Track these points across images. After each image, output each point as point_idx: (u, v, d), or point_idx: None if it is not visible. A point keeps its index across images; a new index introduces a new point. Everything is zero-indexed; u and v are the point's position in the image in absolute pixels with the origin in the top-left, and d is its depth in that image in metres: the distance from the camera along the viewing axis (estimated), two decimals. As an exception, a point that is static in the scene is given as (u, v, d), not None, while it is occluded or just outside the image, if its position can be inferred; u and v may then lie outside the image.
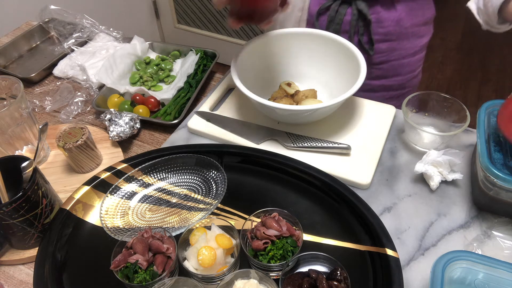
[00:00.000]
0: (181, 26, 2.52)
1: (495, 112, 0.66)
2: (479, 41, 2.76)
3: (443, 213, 0.66)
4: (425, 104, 0.76)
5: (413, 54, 0.96)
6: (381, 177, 0.71)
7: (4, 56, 1.05)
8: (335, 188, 0.65)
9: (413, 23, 0.90)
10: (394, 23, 0.88)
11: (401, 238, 0.63)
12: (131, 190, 0.69)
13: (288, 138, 0.75)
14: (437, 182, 0.67)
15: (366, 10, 0.85)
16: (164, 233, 0.58)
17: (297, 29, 0.84)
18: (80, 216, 0.66)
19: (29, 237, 0.62)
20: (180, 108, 0.87)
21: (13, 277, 0.62)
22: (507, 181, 0.56)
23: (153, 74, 0.97)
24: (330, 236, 0.62)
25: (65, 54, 1.03)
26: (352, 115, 0.80)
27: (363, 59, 0.75)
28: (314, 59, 0.86)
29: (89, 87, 0.95)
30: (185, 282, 0.53)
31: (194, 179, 0.71)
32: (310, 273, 0.52)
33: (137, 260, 0.53)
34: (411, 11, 0.89)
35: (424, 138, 0.73)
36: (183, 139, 0.81)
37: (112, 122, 0.79)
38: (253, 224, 0.59)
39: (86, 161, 0.74)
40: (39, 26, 1.12)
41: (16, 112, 0.71)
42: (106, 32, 1.07)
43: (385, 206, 0.67)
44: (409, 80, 1.01)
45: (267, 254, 0.54)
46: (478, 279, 0.51)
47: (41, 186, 0.61)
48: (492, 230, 0.63)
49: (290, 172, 0.69)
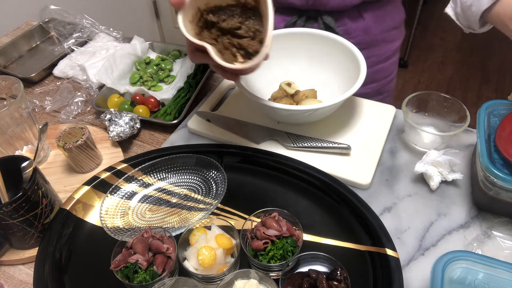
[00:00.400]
0: (181, 26, 2.52)
1: (495, 112, 0.66)
2: (479, 41, 2.76)
3: (443, 213, 0.66)
4: (425, 104, 0.76)
5: (385, 59, 0.96)
6: (381, 177, 0.71)
7: (4, 56, 1.05)
8: (335, 188, 0.65)
9: (382, 29, 0.91)
10: (362, 32, 0.88)
11: (401, 238, 0.63)
12: (131, 190, 0.69)
13: (288, 138, 0.75)
14: (437, 182, 0.67)
15: (333, 23, 0.85)
16: (164, 233, 0.58)
17: (297, 29, 0.84)
18: (80, 216, 0.66)
19: (29, 237, 0.62)
20: (180, 108, 0.87)
21: (13, 277, 0.62)
22: (507, 181, 0.56)
23: (153, 74, 0.97)
24: (330, 236, 0.62)
25: (65, 54, 1.03)
26: (352, 115, 0.80)
27: (363, 59, 0.75)
28: (314, 59, 0.86)
29: (89, 87, 0.95)
30: (185, 282, 0.53)
31: (194, 179, 0.71)
32: (310, 273, 0.52)
33: (137, 260, 0.53)
34: (379, 18, 0.89)
35: (424, 138, 0.73)
36: (183, 139, 0.81)
37: (112, 122, 0.79)
38: (253, 224, 0.59)
39: (86, 161, 0.74)
40: (39, 26, 1.12)
41: (16, 112, 0.71)
42: (106, 32, 1.07)
43: (385, 206, 0.67)
44: (385, 85, 1.01)
45: (267, 254, 0.54)
46: (478, 279, 0.51)
47: (41, 186, 0.61)
48: (492, 230, 0.63)
49: (290, 172, 0.69)
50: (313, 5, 0.84)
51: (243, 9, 0.62)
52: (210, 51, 0.57)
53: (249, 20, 0.63)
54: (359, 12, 0.87)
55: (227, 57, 0.61)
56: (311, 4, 0.84)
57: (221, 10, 0.62)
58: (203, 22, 0.62)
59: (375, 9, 0.88)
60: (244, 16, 0.63)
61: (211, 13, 0.61)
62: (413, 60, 2.65)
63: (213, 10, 0.62)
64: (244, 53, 0.62)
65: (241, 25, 0.62)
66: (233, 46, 0.62)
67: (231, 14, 0.62)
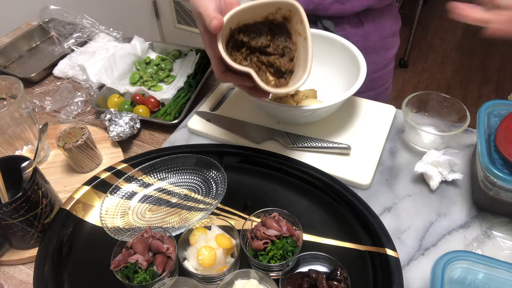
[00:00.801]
0: (181, 26, 2.52)
1: (495, 112, 0.66)
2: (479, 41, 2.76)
3: (443, 213, 0.66)
4: (425, 104, 0.76)
5: (383, 67, 0.97)
6: (381, 177, 0.71)
7: (4, 56, 1.05)
8: (335, 188, 0.65)
9: (381, 36, 0.91)
10: (361, 38, 0.89)
11: (401, 238, 0.63)
12: (131, 190, 0.69)
13: (288, 138, 0.75)
14: (437, 182, 0.67)
15: (332, 28, 0.85)
16: (164, 233, 0.58)
17: (297, 29, 0.84)
18: (80, 216, 0.66)
19: (29, 237, 0.62)
20: (180, 108, 0.87)
21: (13, 277, 0.62)
22: (507, 181, 0.56)
23: (153, 74, 0.97)
24: (330, 236, 0.62)
25: (65, 54, 1.03)
26: (352, 115, 0.80)
27: (363, 59, 0.75)
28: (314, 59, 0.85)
29: (89, 87, 0.95)
30: (185, 282, 0.53)
31: (194, 179, 0.71)
32: (310, 273, 0.52)
33: (137, 260, 0.53)
34: (377, 24, 0.89)
35: (424, 138, 0.73)
36: (183, 139, 0.81)
37: (112, 122, 0.79)
38: (253, 224, 0.59)
39: (86, 161, 0.74)
40: (39, 26, 1.12)
41: (16, 112, 0.71)
42: (106, 32, 1.07)
43: (385, 206, 0.67)
44: (382, 93, 1.02)
45: (267, 254, 0.54)
46: (478, 279, 0.51)
47: (41, 186, 0.61)
48: (492, 230, 0.63)
49: (290, 172, 0.69)
50: (313, 10, 0.84)
51: (270, 26, 0.62)
52: (255, 76, 0.56)
53: (276, 37, 0.63)
54: (359, 18, 0.87)
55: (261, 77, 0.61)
56: (311, 9, 0.84)
57: (248, 28, 0.61)
58: (232, 42, 0.61)
59: (374, 16, 0.88)
60: (272, 33, 0.62)
61: (241, 33, 0.61)
62: (413, 60, 2.65)
63: (242, 29, 0.61)
64: (273, 71, 0.63)
65: (270, 42, 0.62)
66: (262, 63, 0.62)
67: (259, 32, 0.62)
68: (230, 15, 0.56)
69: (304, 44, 0.60)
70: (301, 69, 0.60)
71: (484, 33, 0.56)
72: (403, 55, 2.60)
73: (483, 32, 0.59)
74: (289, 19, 0.61)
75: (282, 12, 0.60)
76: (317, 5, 0.82)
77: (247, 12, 0.58)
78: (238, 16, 0.57)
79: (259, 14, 0.60)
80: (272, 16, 0.61)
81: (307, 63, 0.58)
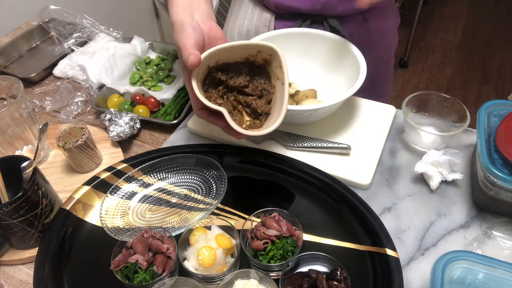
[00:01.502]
0: (181, 26, 2.52)
1: (495, 112, 0.66)
2: (479, 41, 2.76)
3: (443, 213, 0.66)
4: (425, 104, 0.76)
5: (384, 62, 1.00)
6: (381, 177, 0.71)
7: (4, 56, 1.05)
8: (335, 188, 0.65)
9: (384, 32, 0.94)
10: (366, 35, 0.90)
11: (401, 238, 0.63)
12: (131, 190, 0.69)
13: (288, 138, 0.75)
14: (437, 182, 0.67)
15: (338, 26, 0.85)
16: (164, 233, 0.58)
17: (297, 29, 0.84)
18: (80, 216, 0.66)
19: (29, 237, 0.62)
20: (180, 108, 0.87)
21: (13, 277, 0.62)
22: (507, 181, 0.56)
23: (153, 74, 0.97)
24: (330, 236, 0.62)
25: (65, 54, 1.03)
26: (352, 115, 0.80)
27: (363, 59, 0.75)
28: (314, 59, 0.86)
29: (89, 87, 0.95)
30: (185, 282, 0.53)
31: (194, 179, 0.71)
32: (310, 273, 0.52)
33: (137, 260, 0.53)
34: (381, 20, 0.91)
35: (424, 138, 0.73)
36: (183, 139, 0.81)
37: (112, 122, 0.79)
38: (253, 224, 0.59)
39: (86, 161, 0.74)
40: (39, 26, 1.12)
41: (16, 112, 0.71)
42: (106, 32, 1.07)
43: (385, 206, 0.67)
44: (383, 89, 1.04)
45: (267, 254, 0.54)
46: (478, 279, 0.51)
47: (41, 186, 0.61)
48: (492, 230, 0.63)
49: (290, 172, 0.69)
50: (320, 10, 0.84)
51: (250, 67, 0.62)
52: (227, 116, 0.56)
53: (256, 79, 0.63)
54: (364, 16, 0.88)
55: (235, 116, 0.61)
56: (318, 9, 0.84)
57: (228, 67, 0.62)
58: (210, 79, 0.61)
59: (378, 13, 0.90)
60: (251, 74, 0.63)
61: (219, 71, 0.61)
62: (413, 60, 2.65)
63: (222, 67, 0.61)
64: (250, 111, 0.63)
65: (249, 83, 0.62)
66: (239, 103, 0.62)
67: (238, 72, 0.62)
68: (208, 53, 0.56)
69: (281, 89, 0.60)
70: (276, 113, 0.59)
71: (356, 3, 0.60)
72: (403, 55, 2.60)
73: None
74: (270, 62, 0.61)
75: (263, 55, 0.60)
76: (324, 5, 0.83)
77: (227, 51, 0.58)
78: (217, 54, 0.58)
79: (239, 54, 0.61)
80: (252, 57, 0.61)
81: (282, 108, 0.58)
